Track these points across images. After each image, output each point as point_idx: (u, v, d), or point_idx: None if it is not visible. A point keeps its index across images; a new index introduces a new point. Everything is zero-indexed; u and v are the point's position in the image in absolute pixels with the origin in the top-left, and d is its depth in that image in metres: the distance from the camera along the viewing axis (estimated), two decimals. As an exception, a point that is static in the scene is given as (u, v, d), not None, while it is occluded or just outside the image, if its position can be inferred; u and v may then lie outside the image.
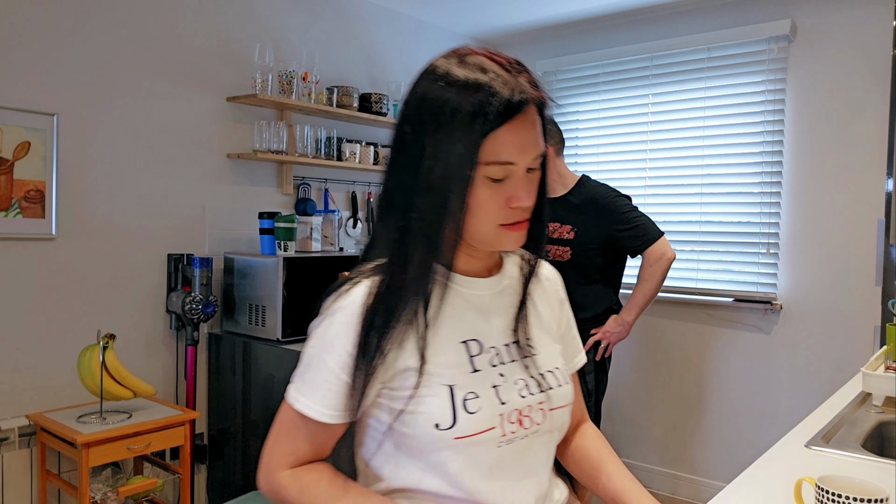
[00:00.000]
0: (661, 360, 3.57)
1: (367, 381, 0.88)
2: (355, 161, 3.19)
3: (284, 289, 2.60)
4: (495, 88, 0.83)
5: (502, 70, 0.85)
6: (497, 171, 0.85)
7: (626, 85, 3.65)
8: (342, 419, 0.90)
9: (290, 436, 0.93)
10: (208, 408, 2.85)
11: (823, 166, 3.10)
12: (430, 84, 0.87)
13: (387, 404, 0.91)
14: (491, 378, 0.92)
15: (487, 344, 0.94)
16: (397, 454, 0.92)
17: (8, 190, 2.28)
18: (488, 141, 0.83)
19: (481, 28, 3.88)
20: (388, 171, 0.92)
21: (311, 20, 3.20)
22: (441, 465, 0.88)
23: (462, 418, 0.87)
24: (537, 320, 1.02)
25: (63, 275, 2.43)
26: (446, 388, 0.88)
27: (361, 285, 0.90)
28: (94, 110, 2.49)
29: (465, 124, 0.82)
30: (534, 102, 0.86)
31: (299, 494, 0.91)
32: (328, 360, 0.89)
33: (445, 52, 0.91)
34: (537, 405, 0.94)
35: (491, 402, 0.90)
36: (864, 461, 1.29)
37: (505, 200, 0.87)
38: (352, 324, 0.88)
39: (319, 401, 0.89)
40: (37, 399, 2.37)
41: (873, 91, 2.95)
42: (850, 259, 3.03)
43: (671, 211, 3.51)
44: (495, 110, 0.82)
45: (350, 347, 0.88)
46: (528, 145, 0.85)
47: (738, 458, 3.30)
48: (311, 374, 0.91)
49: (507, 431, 0.90)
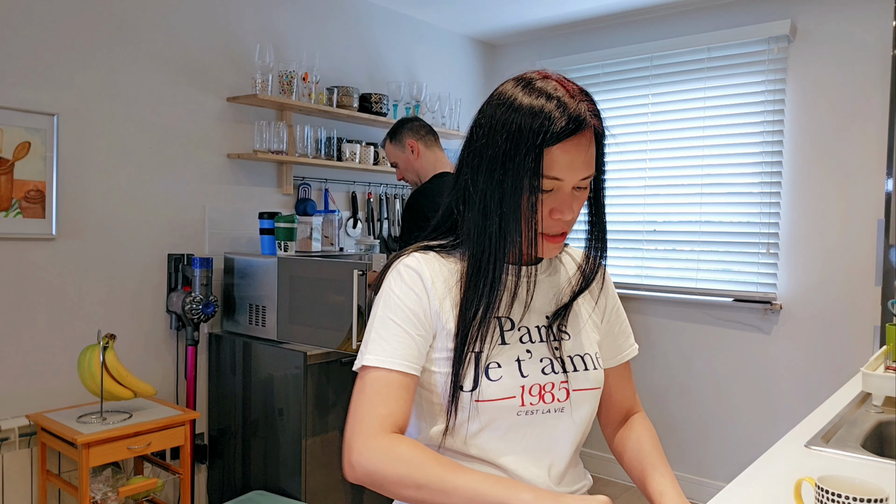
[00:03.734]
0: (661, 359, 3.57)
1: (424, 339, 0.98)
2: (355, 161, 3.20)
3: (284, 289, 2.60)
4: (558, 110, 0.93)
5: (568, 96, 0.94)
6: (545, 184, 0.94)
7: (626, 85, 3.66)
8: (414, 370, 0.96)
9: (378, 397, 0.93)
10: (208, 408, 2.85)
11: (823, 166, 3.10)
12: (499, 102, 0.97)
13: (424, 365, 1.00)
14: (517, 352, 1.00)
15: (519, 323, 1.03)
16: (425, 412, 1.02)
17: (8, 190, 2.28)
18: (544, 156, 0.93)
19: (481, 28, 3.88)
20: (461, 173, 1.02)
21: (311, 20, 3.20)
22: (461, 425, 0.98)
23: (483, 383, 0.96)
24: (576, 308, 1.09)
25: (63, 275, 2.43)
26: (472, 355, 0.97)
27: (414, 256, 1.03)
28: (94, 110, 2.49)
29: (530, 139, 0.92)
30: (590, 129, 0.94)
31: (400, 458, 0.87)
32: (392, 317, 0.98)
33: (518, 76, 1.00)
34: (560, 384, 1.01)
35: (513, 373, 0.98)
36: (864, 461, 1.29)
37: (549, 212, 0.96)
38: (410, 283, 0.99)
39: (393, 354, 0.95)
40: (37, 399, 2.37)
41: (873, 91, 2.95)
42: (850, 259, 3.03)
43: (671, 211, 3.51)
44: (555, 130, 0.92)
45: (411, 304, 0.98)
46: (578, 166, 0.94)
47: (738, 458, 3.30)
48: (375, 335, 0.98)
49: (526, 402, 0.98)
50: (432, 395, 1.01)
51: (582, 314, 1.10)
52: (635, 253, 3.64)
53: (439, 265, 1.02)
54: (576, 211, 0.98)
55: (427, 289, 0.99)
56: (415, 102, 3.49)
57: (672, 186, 3.51)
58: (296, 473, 2.48)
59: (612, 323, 1.16)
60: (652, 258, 3.59)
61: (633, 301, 3.64)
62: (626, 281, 3.67)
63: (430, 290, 1.00)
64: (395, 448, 0.89)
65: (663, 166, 3.53)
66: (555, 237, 0.99)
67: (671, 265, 3.53)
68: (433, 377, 1.00)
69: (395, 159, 2.72)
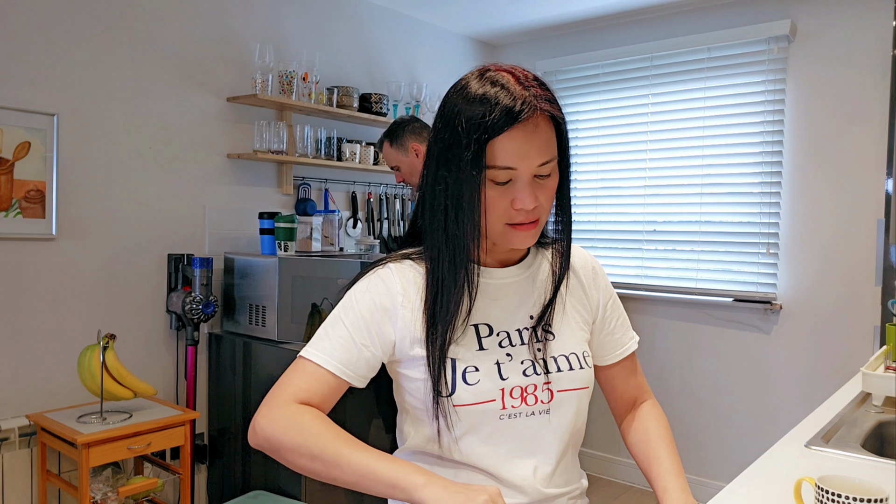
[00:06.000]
0: (661, 359, 3.57)
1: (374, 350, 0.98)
2: (355, 161, 3.19)
3: (284, 289, 2.60)
4: (499, 99, 0.90)
5: (515, 83, 0.92)
6: (500, 175, 0.92)
7: (626, 85, 3.66)
8: (344, 375, 0.96)
9: (300, 379, 0.96)
10: (208, 408, 2.85)
11: (823, 166, 3.10)
12: (451, 97, 0.96)
13: (402, 372, 1.01)
14: (496, 356, 0.99)
15: (498, 328, 1.02)
16: (411, 419, 1.04)
17: (8, 190, 2.28)
18: (491, 147, 0.91)
19: (481, 28, 3.88)
20: (423, 173, 1.01)
21: (311, 20, 3.20)
22: (444, 431, 0.97)
23: (460, 388, 0.96)
24: (562, 307, 1.07)
25: (63, 275, 2.43)
26: (449, 360, 0.97)
27: (388, 267, 1.02)
28: (94, 110, 2.49)
29: (472, 132, 0.91)
30: (539, 114, 0.92)
31: (299, 427, 0.89)
32: (344, 319, 0.99)
33: (475, 69, 0.99)
34: (543, 385, 1.00)
35: (492, 376, 0.98)
36: (864, 461, 1.29)
37: (510, 202, 0.93)
38: (373, 293, 0.99)
39: (331, 353, 0.96)
40: (37, 399, 2.37)
41: (873, 91, 2.95)
42: (850, 259, 3.03)
43: (671, 211, 3.51)
44: (495, 119, 0.89)
45: (367, 314, 0.98)
46: (530, 153, 0.91)
47: (738, 458, 3.30)
48: (323, 331, 1.00)
49: (507, 405, 0.98)
50: (416, 401, 1.00)
51: (568, 312, 1.08)
52: (635, 253, 3.64)
53: (413, 273, 1.01)
54: (542, 199, 0.95)
55: (395, 302, 0.98)
56: (415, 102, 3.49)
57: (672, 186, 3.51)
58: (296, 473, 2.48)
59: (607, 318, 1.13)
60: (652, 258, 3.59)
61: (633, 301, 3.64)
62: (626, 281, 3.67)
63: (399, 302, 0.98)
64: (297, 417, 0.90)
65: (663, 166, 3.53)
66: (524, 226, 0.96)
67: (671, 265, 3.53)
68: (415, 384, 0.99)
69: (397, 163, 2.65)
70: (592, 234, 3.79)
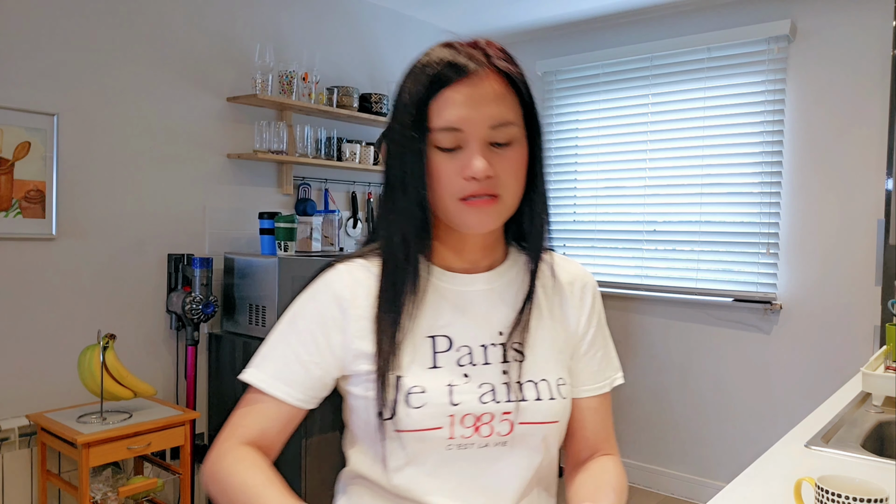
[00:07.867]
0: (661, 359, 3.57)
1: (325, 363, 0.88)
2: (355, 161, 3.19)
3: (284, 289, 2.60)
4: (442, 57, 0.83)
5: (467, 45, 0.85)
6: (445, 139, 0.82)
7: (626, 85, 3.66)
8: (297, 401, 0.88)
9: (245, 413, 0.90)
10: (208, 408, 2.85)
11: (823, 166, 3.10)
12: (405, 72, 0.89)
13: (347, 388, 0.91)
14: (450, 377, 0.86)
15: (459, 342, 0.88)
16: (356, 439, 0.93)
17: (8, 190, 2.28)
18: (431, 107, 0.82)
19: (481, 28, 3.88)
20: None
21: (311, 20, 3.20)
22: (387, 456, 0.86)
23: (402, 411, 0.83)
24: (541, 325, 0.92)
25: (63, 275, 2.43)
26: (393, 377, 0.84)
27: (337, 269, 0.91)
28: (94, 110, 2.49)
29: (411, 95, 0.83)
30: (489, 70, 0.83)
31: (224, 468, 0.85)
32: (290, 337, 0.90)
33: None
34: (501, 415, 0.85)
35: (439, 400, 0.84)
36: (864, 461, 1.29)
37: (458, 170, 0.82)
38: (318, 301, 0.89)
39: (276, 376, 0.88)
40: (37, 399, 2.37)
41: (873, 91, 2.95)
42: (850, 259, 3.03)
43: (671, 211, 3.51)
44: (433, 75, 0.82)
45: (314, 328, 0.88)
46: (477, 112, 0.81)
47: (738, 458, 3.30)
48: (267, 349, 0.92)
49: (456, 435, 0.84)
50: (359, 421, 0.90)
51: (546, 331, 0.92)
52: (635, 253, 3.64)
53: (365, 273, 0.90)
54: (499, 170, 0.82)
55: (343, 310, 0.88)
56: (415, 102, 3.49)
57: (672, 186, 3.51)
58: (296, 473, 2.48)
59: (594, 346, 0.96)
60: (652, 258, 3.59)
61: (633, 301, 3.64)
62: (626, 281, 3.67)
63: (346, 310, 0.87)
64: (228, 477, 0.84)
65: (663, 166, 3.53)
66: (479, 200, 0.82)
67: (671, 265, 3.53)
68: (357, 402, 0.88)
69: None
70: (592, 234, 3.79)
